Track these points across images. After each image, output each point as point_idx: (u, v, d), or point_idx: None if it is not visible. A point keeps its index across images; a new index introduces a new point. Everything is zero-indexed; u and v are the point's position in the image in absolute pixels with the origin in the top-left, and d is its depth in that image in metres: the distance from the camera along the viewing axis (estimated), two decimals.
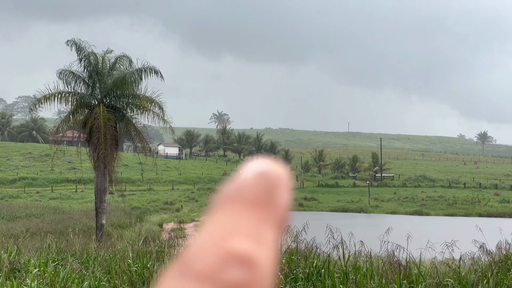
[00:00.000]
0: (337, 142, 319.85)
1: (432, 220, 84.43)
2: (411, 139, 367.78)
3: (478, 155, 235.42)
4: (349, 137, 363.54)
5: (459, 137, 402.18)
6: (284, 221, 0.67)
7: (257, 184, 0.66)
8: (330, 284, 11.73)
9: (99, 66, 39.31)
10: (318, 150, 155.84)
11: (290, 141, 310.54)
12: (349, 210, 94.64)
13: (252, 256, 0.61)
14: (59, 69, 38.76)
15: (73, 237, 20.43)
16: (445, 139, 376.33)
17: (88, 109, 39.20)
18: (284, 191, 0.69)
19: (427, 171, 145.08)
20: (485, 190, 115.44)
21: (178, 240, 17.93)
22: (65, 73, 38.71)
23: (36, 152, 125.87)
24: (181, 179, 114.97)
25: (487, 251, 18.57)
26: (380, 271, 13.28)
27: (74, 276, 12.52)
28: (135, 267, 13.29)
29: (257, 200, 0.66)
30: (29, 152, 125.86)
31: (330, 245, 14.70)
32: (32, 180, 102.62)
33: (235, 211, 0.65)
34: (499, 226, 25.52)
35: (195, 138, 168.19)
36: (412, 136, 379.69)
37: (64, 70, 38.76)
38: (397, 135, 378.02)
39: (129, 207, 77.85)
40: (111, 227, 49.36)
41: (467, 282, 12.22)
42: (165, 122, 40.35)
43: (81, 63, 39.30)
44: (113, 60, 40.00)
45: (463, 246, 17.08)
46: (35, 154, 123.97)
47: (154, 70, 39.33)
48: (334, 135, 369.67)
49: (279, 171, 0.69)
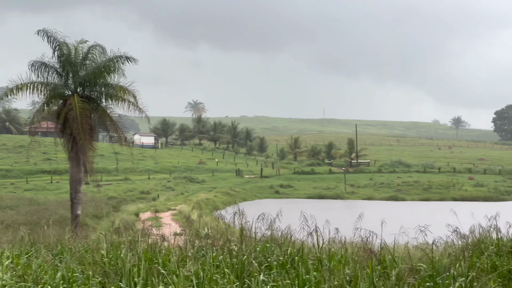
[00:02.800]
0: (313, 129, 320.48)
1: (407, 205, 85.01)
2: (387, 125, 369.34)
3: (452, 140, 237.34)
4: (324, 124, 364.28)
5: (433, 122, 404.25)
6: None
7: None
8: (304, 271, 11.76)
9: (71, 56, 39.01)
10: (293, 137, 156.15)
11: (265, 129, 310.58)
12: (325, 196, 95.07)
13: None
14: (30, 61, 38.43)
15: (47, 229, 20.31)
16: (420, 125, 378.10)
17: (62, 100, 38.91)
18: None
19: (402, 157, 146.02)
20: (459, 174, 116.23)
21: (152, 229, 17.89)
22: (37, 64, 38.36)
23: (10, 143, 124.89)
24: (157, 168, 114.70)
25: (461, 235, 18.70)
26: (355, 257, 13.32)
27: (47, 268, 12.46)
28: (109, 257, 13.26)
29: None
30: (3, 143, 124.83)
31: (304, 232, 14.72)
32: (6, 172, 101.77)
33: None
34: (473, 210, 25.72)
35: (171, 127, 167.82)
36: (387, 122, 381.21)
37: (36, 61, 38.40)
38: (373, 121, 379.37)
39: (106, 197, 77.53)
40: (87, 218, 49.20)
41: (440, 266, 12.28)
42: (141, 111, 40.13)
43: (54, 53, 38.98)
44: (86, 50, 39.70)
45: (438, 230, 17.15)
46: (9, 146, 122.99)
47: (126, 58, 39.04)
48: (309, 122, 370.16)
49: None
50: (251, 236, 15.37)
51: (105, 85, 39.37)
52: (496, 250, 16.10)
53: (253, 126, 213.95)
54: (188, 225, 24.85)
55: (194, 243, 14.85)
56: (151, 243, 14.37)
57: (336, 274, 11.89)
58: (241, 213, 15.58)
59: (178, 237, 16.96)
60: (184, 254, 13.48)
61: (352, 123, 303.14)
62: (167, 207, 62.75)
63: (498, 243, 16.69)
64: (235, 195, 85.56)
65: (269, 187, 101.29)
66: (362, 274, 11.45)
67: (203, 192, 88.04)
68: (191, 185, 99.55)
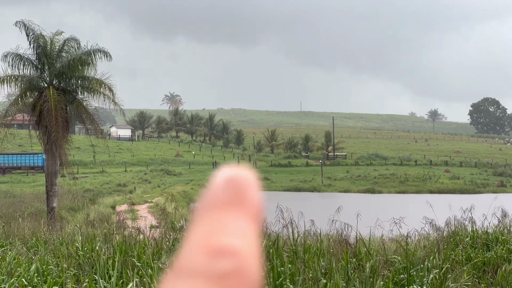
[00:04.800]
0: (290, 122, 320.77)
1: (384, 197, 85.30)
2: (364, 117, 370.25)
3: (429, 133, 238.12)
4: (301, 116, 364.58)
5: (410, 115, 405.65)
6: (259, 215, 0.74)
7: (229, 189, 0.74)
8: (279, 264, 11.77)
9: (47, 48, 38.81)
10: (270, 129, 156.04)
11: (242, 121, 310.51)
12: (302, 189, 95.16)
13: (236, 247, 0.68)
14: (4, 52, 38.19)
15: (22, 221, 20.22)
16: (397, 117, 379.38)
17: (38, 92, 38.70)
18: (253, 190, 0.76)
19: (379, 149, 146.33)
20: (435, 167, 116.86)
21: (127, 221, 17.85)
22: (12, 56, 38.12)
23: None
24: (134, 161, 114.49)
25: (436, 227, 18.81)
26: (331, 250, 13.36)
27: (21, 260, 12.41)
28: (83, 250, 13.22)
29: (231, 202, 0.73)
30: None
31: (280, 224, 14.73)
32: None
33: (214, 215, 0.71)
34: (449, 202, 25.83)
35: (147, 119, 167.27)
36: (364, 115, 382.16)
37: (10, 53, 38.16)
38: (350, 114, 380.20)
39: (82, 189, 77.39)
40: (63, 210, 48.98)
41: (415, 258, 12.35)
42: (116, 104, 40.05)
43: (30, 45, 38.78)
44: (62, 42, 39.51)
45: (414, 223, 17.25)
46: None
47: (103, 52, 38.96)
48: (286, 115, 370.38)
49: (246, 174, 0.78)
50: None
51: (81, 77, 39.21)
52: (471, 242, 16.22)
53: (230, 119, 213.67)
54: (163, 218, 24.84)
55: (170, 235, 14.84)
56: (126, 236, 14.35)
57: (311, 266, 11.91)
58: None
59: (154, 229, 16.94)
60: (159, 247, 13.47)
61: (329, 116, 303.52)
62: (144, 200, 62.58)
63: (473, 235, 16.82)
64: None
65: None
66: (337, 266, 11.48)
67: (180, 184, 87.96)
68: (168, 177, 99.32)
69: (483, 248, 15.74)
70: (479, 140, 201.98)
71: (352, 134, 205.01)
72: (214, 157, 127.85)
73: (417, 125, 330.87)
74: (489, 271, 13.75)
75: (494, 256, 14.37)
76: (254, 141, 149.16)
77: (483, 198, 72.34)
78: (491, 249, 15.39)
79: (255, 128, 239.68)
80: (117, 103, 39.98)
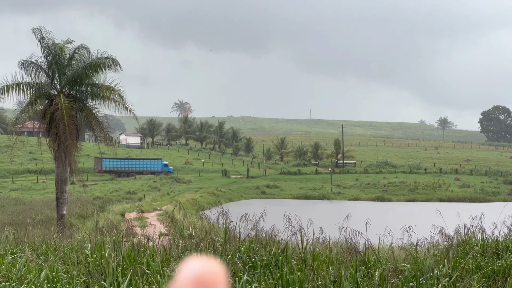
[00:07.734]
0: (299, 130, 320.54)
1: (393, 205, 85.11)
2: (373, 125, 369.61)
3: (438, 141, 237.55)
4: (311, 124, 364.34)
5: (420, 123, 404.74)
6: None
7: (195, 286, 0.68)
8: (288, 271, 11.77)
9: (58, 56, 38.98)
10: (280, 137, 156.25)
11: (252, 129, 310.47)
12: (311, 197, 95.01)
13: None
14: (20, 60, 38.44)
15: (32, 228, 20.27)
16: (406, 125, 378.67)
17: (48, 99, 38.86)
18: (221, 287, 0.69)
19: (388, 157, 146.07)
20: (445, 175, 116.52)
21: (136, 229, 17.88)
22: (27, 64, 38.37)
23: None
24: None
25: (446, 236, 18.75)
26: (339, 258, 13.35)
27: (31, 267, 12.44)
28: (93, 257, 13.24)
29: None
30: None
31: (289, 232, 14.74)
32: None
33: None
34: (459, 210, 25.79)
35: (157, 127, 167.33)
36: (373, 123, 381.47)
37: (26, 60, 38.41)
38: (359, 122, 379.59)
39: (91, 197, 77.46)
40: (72, 218, 49.08)
41: (424, 266, 12.32)
42: (128, 110, 40.14)
43: (43, 52, 38.99)
44: (72, 50, 39.68)
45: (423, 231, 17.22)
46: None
47: (112, 60, 39.07)
48: (296, 123, 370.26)
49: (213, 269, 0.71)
50: (236, 236, 15.39)
51: (91, 84, 39.36)
52: (481, 250, 16.15)
53: (239, 126, 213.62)
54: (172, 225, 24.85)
55: (179, 243, 14.85)
56: (135, 243, 14.36)
57: (320, 274, 11.90)
58: (225, 213, 15.60)
59: (163, 237, 16.95)
60: (168, 254, 13.48)
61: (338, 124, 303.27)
62: (153, 207, 62.63)
63: (483, 243, 16.75)
64: (221, 195, 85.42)
65: (255, 187, 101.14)
66: (346, 274, 11.47)
67: (189, 192, 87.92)
68: (177, 185, 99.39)
69: (493, 256, 15.67)
70: (489, 148, 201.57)
71: (362, 142, 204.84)
72: (223, 165, 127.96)
73: (426, 133, 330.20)
74: (499, 279, 13.70)
75: (504, 265, 14.30)
76: (263, 149, 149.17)
77: (493, 207, 72.14)
78: (501, 258, 15.33)
79: (265, 136, 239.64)
80: (128, 107, 40.08)
